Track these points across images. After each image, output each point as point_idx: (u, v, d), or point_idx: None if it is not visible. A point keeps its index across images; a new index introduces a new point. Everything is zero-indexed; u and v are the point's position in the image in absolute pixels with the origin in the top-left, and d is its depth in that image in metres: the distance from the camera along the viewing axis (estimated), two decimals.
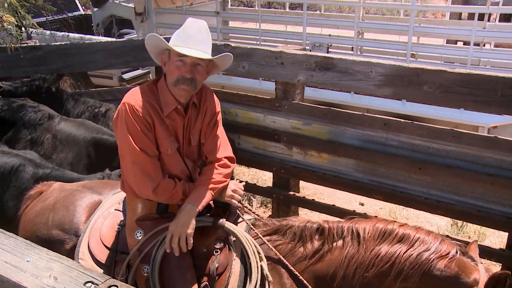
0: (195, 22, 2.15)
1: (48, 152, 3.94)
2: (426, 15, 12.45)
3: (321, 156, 4.17)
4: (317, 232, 2.22)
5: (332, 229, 2.19)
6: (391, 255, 2.03)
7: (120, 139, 2.15)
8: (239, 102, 4.41)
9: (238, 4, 13.27)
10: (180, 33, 2.13)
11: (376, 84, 3.68)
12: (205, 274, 2.16)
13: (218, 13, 7.90)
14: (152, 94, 2.17)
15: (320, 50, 6.83)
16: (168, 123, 2.18)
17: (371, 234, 2.11)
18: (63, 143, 3.96)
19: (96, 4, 9.20)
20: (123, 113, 2.11)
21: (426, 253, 2.00)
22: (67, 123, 4.09)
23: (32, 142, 3.99)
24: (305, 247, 2.20)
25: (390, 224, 2.13)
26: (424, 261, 1.99)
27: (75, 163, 3.87)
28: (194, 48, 2.08)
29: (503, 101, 3.24)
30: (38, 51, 4.55)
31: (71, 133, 3.99)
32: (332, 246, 2.16)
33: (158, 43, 2.15)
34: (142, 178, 2.13)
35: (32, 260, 1.41)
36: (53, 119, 4.10)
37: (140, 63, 5.65)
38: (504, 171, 3.40)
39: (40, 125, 4.05)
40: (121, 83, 7.98)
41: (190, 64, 2.11)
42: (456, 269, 1.97)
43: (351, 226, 2.18)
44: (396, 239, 2.07)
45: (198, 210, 2.15)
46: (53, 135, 3.99)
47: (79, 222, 2.48)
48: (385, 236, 2.09)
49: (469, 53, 6.01)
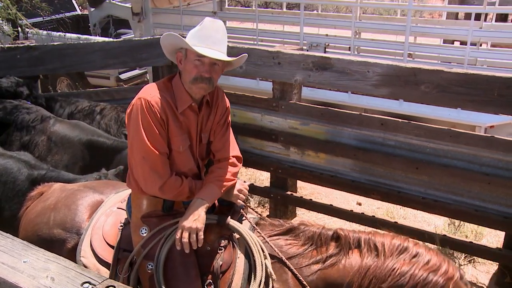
0: (213, 22, 2.17)
1: (43, 154, 3.88)
2: (423, 15, 12.47)
3: (318, 156, 4.17)
4: (333, 239, 2.23)
5: (349, 238, 2.21)
6: (406, 271, 2.06)
7: (132, 133, 2.15)
8: (237, 102, 4.41)
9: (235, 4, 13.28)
10: (198, 33, 2.15)
11: (373, 84, 3.69)
12: (209, 271, 2.17)
13: (215, 13, 7.89)
14: (167, 91, 2.19)
15: (317, 50, 6.83)
16: (182, 120, 2.20)
17: (389, 248, 2.14)
18: (58, 145, 3.91)
19: (93, 4, 9.18)
20: (138, 107, 2.12)
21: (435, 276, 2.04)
22: (61, 124, 4.03)
23: (27, 144, 3.92)
24: (318, 251, 2.21)
25: (406, 242, 2.17)
26: (434, 282, 2.02)
27: (70, 165, 3.82)
28: (212, 48, 2.11)
29: (500, 101, 3.25)
30: (34, 51, 4.53)
31: (66, 135, 3.93)
32: (348, 254, 2.17)
33: (176, 41, 2.17)
34: (151, 174, 2.14)
35: (29, 260, 1.41)
36: (47, 120, 4.04)
37: (137, 63, 5.64)
38: (501, 170, 3.41)
39: (35, 127, 3.99)
40: (118, 83, 7.97)
41: (208, 64, 2.13)
42: None
43: (367, 238, 2.20)
44: (410, 256, 2.11)
45: (208, 205, 2.17)
46: (48, 137, 3.94)
47: (81, 220, 2.48)
48: (401, 252, 2.13)
49: (466, 53, 6.02)
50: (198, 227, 2.11)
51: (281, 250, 2.23)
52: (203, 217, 2.14)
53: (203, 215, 2.14)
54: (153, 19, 8.20)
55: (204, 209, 2.15)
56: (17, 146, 3.95)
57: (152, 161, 2.13)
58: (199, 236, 2.11)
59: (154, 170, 2.14)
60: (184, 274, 2.14)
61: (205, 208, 2.16)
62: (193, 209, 2.14)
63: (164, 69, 4.81)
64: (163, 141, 2.15)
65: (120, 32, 9.48)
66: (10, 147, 3.93)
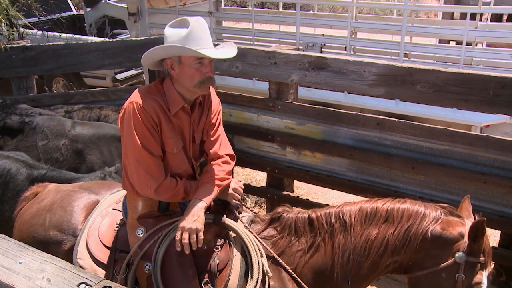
0: (198, 21, 2.11)
1: (69, 157, 3.84)
2: (419, 14, 12.49)
3: (314, 156, 4.18)
4: (308, 223, 2.27)
5: (321, 219, 2.24)
6: (381, 239, 2.10)
7: (125, 137, 2.16)
8: (233, 102, 4.40)
9: (231, 4, 13.27)
10: (189, 36, 2.07)
11: (369, 84, 3.69)
12: (206, 270, 2.18)
13: (211, 13, 7.89)
14: (159, 94, 2.19)
15: (313, 50, 6.84)
16: (175, 122, 2.20)
17: (357, 218, 2.17)
18: (89, 145, 3.88)
19: (88, 4, 9.15)
20: (130, 111, 2.12)
21: (413, 228, 2.07)
22: (83, 126, 4.01)
23: (45, 149, 3.85)
24: (300, 241, 2.25)
25: (374, 203, 2.19)
26: (412, 235, 2.07)
27: (108, 161, 3.82)
28: (209, 48, 2.11)
29: (495, 100, 3.26)
30: (30, 52, 4.51)
31: (95, 133, 3.93)
32: (324, 237, 2.21)
33: (172, 51, 2.09)
34: (145, 177, 2.14)
35: (25, 262, 1.40)
36: (63, 124, 4.00)
37: (133, 64, 5.63)
38: (496, 169, 3.43)
39: (51, 131, 3.93)
40: (114, 83, 7.95)
41: (209, 64, 2.14)
42: (439, 229, 2.06)
43: (337, 212, 2.23)
44: (382, 219, 2.14)
45: (207, 205, 2.18)
46: (71, 140, 3.88)
47: (77, 222, 2.47)
48: (370, 218, 2.16)
49: (461, 52, 6.05)
50: (198, 227, 2.12)
51: (272, 246, 2.26)
52: (202, 217, 2.15)
53: (202, 215, 2.15)
54: (149, 19, 8.19)
55: (203, 210, 2.16)
56: (35, 151, 3.84)
57: (146, 163, 2.13)
58: (199, 237, 2.12)
59: (148, 172, 2.14)
60: (182, 274, 2.14)
61: (204, 208, 2.17)
62: (192, 210, 2.15)
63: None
64: (156, 143, 2.15)
65: (116, 32, 9.45)
66: (27, 153, 3.76)
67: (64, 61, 4.62)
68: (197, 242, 2.12)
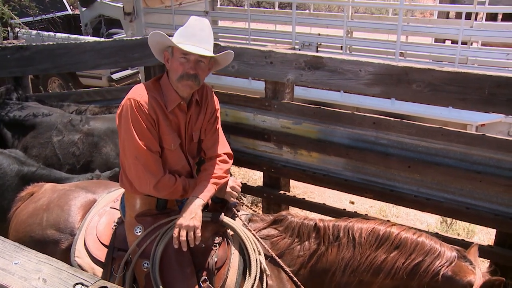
0: (199, 20, 2.19)
1: (85, 151, 3.89)
2: (415, 14, 12.50)
3: (311, 155, 4.18)
4: (314, 231, 2.26)
5: (328, 229, 2.22)
6: (389, 266, 2.05)
7: (124, 134, 2.17)
8: (229, 102, 4.40)
9: (227, 4, 13.26)
10: (183, 31, 2.18)
11: (365, 83, 3.70)
12: (204, 268, 2.20)
13: (207, 13, 7.88)
14: (156, 90, 2.21)
15: (309, 49, 6.85)
16: (172, 119, 2.22)
17: (367, 238, 2.13)
18: (104, 138, 3.94)
19: (84, 4, 9.13)
20: (128, 108, 2.13)
21: (425, 264, 2.02)
22: (96, 120, 4.06)
23: (61, 144, 3.89)
24: (302, 245, 2.25)
25: (388, 228, 2.14)
26: (422, 272, 2.02)
27: None
28: (197, 45, 2.13)
29: (491, 99, 3.27)
30: (25, 51, 4.48)
31: (109, 127, 3.97)
32: (328, 247, 2.20)
33: (163, 40, 2.19)
34: (144, 174, 2.16)
35: (20, 262, 1.40)
36: (76, 119, 4.04)
37: (129, 63, 5.62)
38: (492, 168, 3.44)
39: (65, 127, 3.97)
40: (110, 83, 7.93)
41: (193, 61, 2.15)
42: (450, 273, 2.01)
43: (347, 227, 2.20)
44: (393, 246, 2.08)
45: (204, 203, 2.19)
46: (85, 134, 3.93)
47: (74, 221, 2.47)
48: (381, 241, 2.11)
49: (457, 51, 6.07)
50: (195, 225, 2.13)
51: (271, 246, 2.27)
52: (199, 215, 2.16)
53: (200, 213, 2.16)
54: (145, 18, 8.17)
55: (200, 207, 2.17)
56: (50, 147, 3.88)
57: (145, 160, 2.14)
58: (196, 234, 2.13)
59: (147, 169, 2.15)
60: (180, 272, 2.16)
61: (201, 206, 2.18)
62: (189, 208, 2.16)
63: (156, 69, 4.78)
64: (154, 140, 2.17)
65: (111, 32, 9.44)
66: (41, 149, 3.85)
67: (60, 61, 4.59)
68: (194, 239, 2.13)
